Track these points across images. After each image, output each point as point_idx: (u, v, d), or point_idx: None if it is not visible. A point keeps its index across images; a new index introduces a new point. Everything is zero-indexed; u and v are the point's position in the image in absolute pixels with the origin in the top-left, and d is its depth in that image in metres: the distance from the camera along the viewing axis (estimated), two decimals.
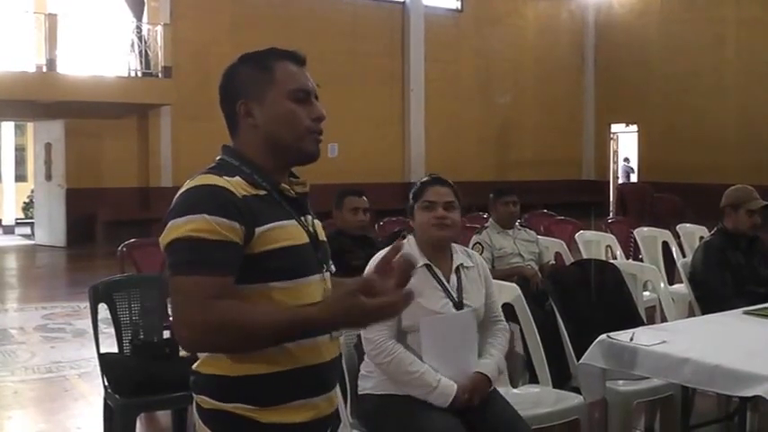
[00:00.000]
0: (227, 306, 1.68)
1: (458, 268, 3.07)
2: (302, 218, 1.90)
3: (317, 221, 1.98)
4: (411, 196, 3.14)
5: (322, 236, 1.97)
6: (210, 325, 1.67)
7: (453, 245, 3.16)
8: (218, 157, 1.91)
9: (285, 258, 1.80)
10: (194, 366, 1.87)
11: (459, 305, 3.00)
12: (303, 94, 1.90)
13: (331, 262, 1.98)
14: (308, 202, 1.97)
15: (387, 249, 1.77)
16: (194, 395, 1.86)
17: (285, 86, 1.88)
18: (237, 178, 1.80)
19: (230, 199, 1.75)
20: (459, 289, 3.03)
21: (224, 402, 1.79)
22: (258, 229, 1.76)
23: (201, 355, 1.83)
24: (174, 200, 1.79)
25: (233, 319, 1.67)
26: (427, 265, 3.01)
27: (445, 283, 3.02)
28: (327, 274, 1.94)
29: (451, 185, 3.12)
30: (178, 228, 1.72)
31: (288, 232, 1.82)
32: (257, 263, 1.76)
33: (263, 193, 1.82)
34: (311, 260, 1.87)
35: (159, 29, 14.79)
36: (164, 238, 1.75)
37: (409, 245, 3.06)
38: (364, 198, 4.95)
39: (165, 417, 4.58)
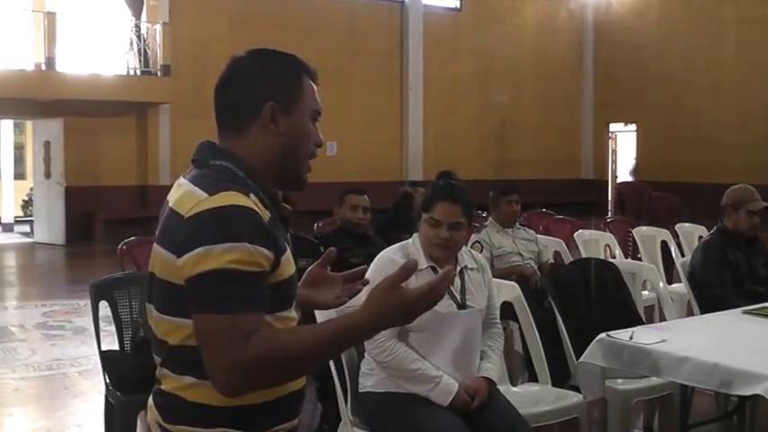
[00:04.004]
0: (261, 340, 1.53)
1: (462, 270, 3.08)
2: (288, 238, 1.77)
3: None
4: (421, 203, 3.14)
5: None
6: (251, 364, 1.52)
7: None
8: (216, 162, 1.69)
9: (291, 287, 1.71)
10: (169, 389, 1.68)
11: (462, 306, 3.01)
12: (317, 116, 1.79)
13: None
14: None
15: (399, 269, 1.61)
16: (163, 423, 1.69)
17: (309, 103, 1.76)
18: (252, 196, 1.63)
19: (263, 224, 1.59)
20: (463, 290, 3.04)
21: (208, 428, 1.66)
22: (282, 258, 1.64)
23: (185, 380, 1.65)
24: (198, 218, 1.57)
25: (275, 352, 1.54)
26: (432, 267, 3.03)
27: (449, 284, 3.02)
28: None
29: (463, 200, 3.04)
30: (216, 256, 1.53)
31: (290, 260, 1.70)
32: (275, 292, 1.63)
33: (269, 214, 1.66)
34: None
35: (158, 27, 14.78)
36: (194, 266, 1.54)
37: (414, 245, 3.08)
38: (366, 197, 4.97)
39: None
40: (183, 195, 1.64)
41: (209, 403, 1.64)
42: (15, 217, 17.61)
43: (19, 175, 18.62)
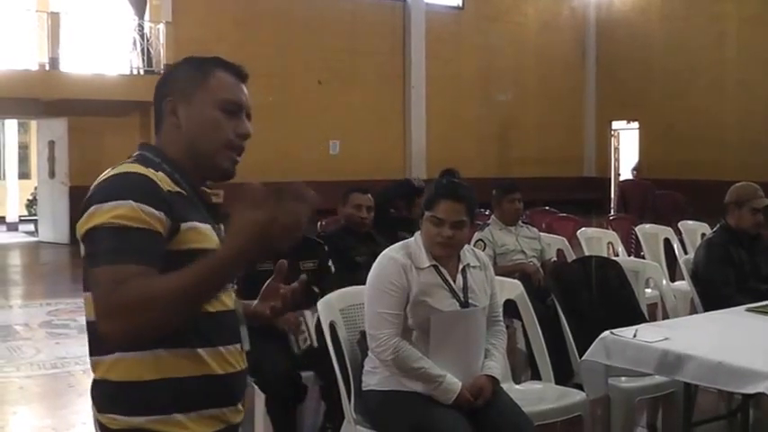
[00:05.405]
0: (135, 281, 1.56)
1: (464, 268, 3.08)
2: (216, 226, 1.83)
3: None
4: (423, 202, 3.14)
5: None
6: (125, 304, 1.54)
7: None
8: (135, 153, 1.84)
9: None
10: (99, 377, 1.74)
11: (465, 305, 3.02)
12: (233, 107, 1.85)
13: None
14: (224, 213, 1.83)
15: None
16: (97, 414, 1.74)
17: (216, 94, 1.83)
18: (161, 173, 1.75)
19: (157, 190, 1.69)
20: (465, 289, 3.05)
21: (136, 416, 1.69)
22: (183, 225, 1.71)
23: (109, 358, 1.71)
24: (96, 186, 1.71)
25: (149, 291, 1.55)
26: (434, 266, 3.03)
27: (451, 282, 3.03)
28: (234, 287, 1.87)
29: (466, 198, 3.04)
30: (102, 214, 1.63)
31: (204, 235, 1.75)
32: (175, 261, 1.63)
33: (182, 192, 1.77)
34: None
35: (161, 27, 14.80)
36: (84, 224, 1.66)
37: (416, 244, 3.08)
38: (369, 196, 4.98)
39: None
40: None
41: (135, 379, 1.69)
42: (20, 216, 17.65)
43: (23, 174, 18.65)
